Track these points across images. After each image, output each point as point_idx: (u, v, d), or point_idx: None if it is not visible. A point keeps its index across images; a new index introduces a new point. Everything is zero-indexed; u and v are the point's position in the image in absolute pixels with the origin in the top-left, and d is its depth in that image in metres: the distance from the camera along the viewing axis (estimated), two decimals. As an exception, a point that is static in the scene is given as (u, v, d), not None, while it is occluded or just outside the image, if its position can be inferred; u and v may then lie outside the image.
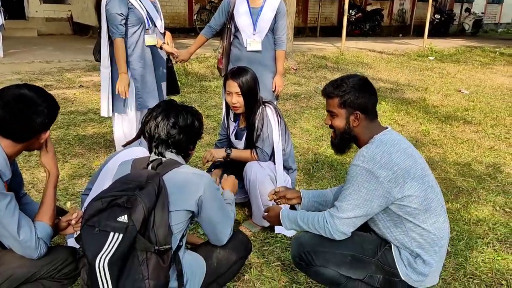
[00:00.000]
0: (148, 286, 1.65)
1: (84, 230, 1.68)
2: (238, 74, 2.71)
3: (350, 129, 1.99)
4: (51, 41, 11.68)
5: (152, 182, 1.71)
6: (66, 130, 4.75)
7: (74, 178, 3.58)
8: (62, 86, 6.67)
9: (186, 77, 7.34)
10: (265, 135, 2.77)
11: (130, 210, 1.63)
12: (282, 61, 3.71)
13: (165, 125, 1.88)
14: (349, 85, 1.94)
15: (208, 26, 3.72)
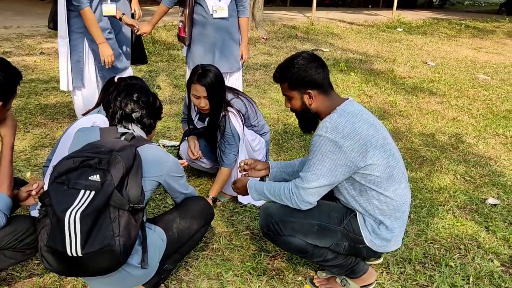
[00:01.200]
0: (118, 243, 1.63)
1: (52, 186, 1.65)
2: (204, 76, 2.58)
3: (307, 108, 2.01)
4: (10, 6, 11.09)
5: (131, 148, 1.75)
6: (27, 99, 4.56)
7: (37, 148, 3.46)
8: (21, 53, 6.37)
9: (153, 46, 7.15)
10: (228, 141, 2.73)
11: (103, 172, 1.63)
12: (247, 29, 3.68)
13: (128, 100, 1.92)
14: (294, 66, 1.96)
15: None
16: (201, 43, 3.54)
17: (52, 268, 1.68)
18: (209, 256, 2.38)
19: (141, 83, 2.13)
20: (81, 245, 1.58)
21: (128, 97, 1.92)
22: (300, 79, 1.95)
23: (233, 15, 3.53)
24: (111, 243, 1.61)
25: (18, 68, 5.27)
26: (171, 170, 1.93)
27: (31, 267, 2.19)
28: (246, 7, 3.60)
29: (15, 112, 4.15)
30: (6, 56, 6.16)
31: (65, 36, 3.23)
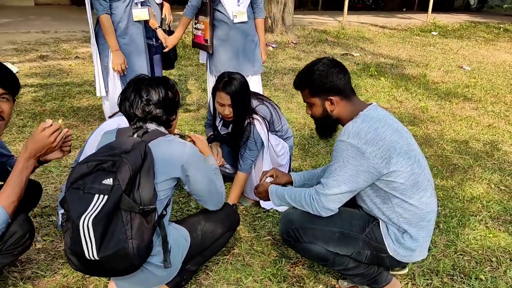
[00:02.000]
0: (131, 246, 1.64)
1: (69, 192, 1.68)
2: (230, 84, 2.56)
3: (329, 114, 1.97)
4: (48, 11, 11.50)
5: (138, 147, 1.72)
6: (61, 101, 4.70)
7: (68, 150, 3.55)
8: (58, 57, 6.58)
9: (184, 50, 7.25)
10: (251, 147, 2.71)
11: (116, 173, 1.63)
12: (263, 30, 3.71)
13: (139, 103, 1.87)
14: (315, 73, 1.92)
15: (189, 6, 3.51)
16: (224, 49, 3.57)
17: (78, 268, 1.73)
18: (230, 261, 2.36)
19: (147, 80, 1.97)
20: (97, 249, 1.61)
21: (137, 98, 1.87)
22: (321, 85, 1.91)
23: (251, 17, 3.56)
24: (125, 246, 1.63)
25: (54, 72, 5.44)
26: (189, 159, 1.85)
27: (55, 266, 2.24)
28: (261, 8, 3.61)
29: (49, 114, 4.27)
30: (43, 60, 6.38)
31: (93, 43, 3.29)
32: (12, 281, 2.11)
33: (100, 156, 1.71)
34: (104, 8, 3.11)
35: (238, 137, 2.73)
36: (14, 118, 4.08)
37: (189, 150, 1.87)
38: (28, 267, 2.23)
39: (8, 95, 1.82)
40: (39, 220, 2.63)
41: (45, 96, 4.82)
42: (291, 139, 3.02)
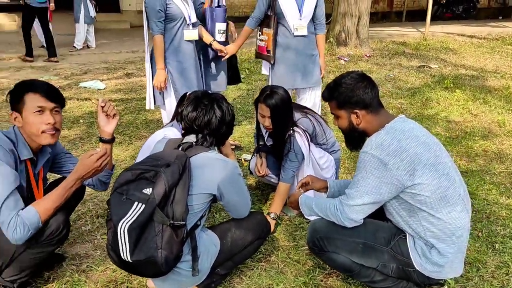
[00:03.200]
0: (160, 255, 1.78)
1: (113, 196, 1.86)
2: (270, 98, 2.66)
3: (355, 127, 1.99)
4: (141, 32, 12.45)
5: (179, 162, 1.84)
6: (136, 114, 5.12)
7: (135, 159, 3.87)
8: (140, 74, 7.15)
9: (255, 65, 7.48)
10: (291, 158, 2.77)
11: (154, 184, 1.77)
12: (324, 45, 3.85)
13: (203, 118, 2.01)
14: (342, 86, 1.95)
15: (252, 17, 3.71)
16: (284, 61, 3.71)
17: (117, 264, 1.91)
18: (265, 268, 2.43)
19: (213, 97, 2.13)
20: (130, 253, 1.77)
21: (202, 114, 2.01)
22: (347, 99, 1.94)
23: (311, 31, 3.69)
24: (154, 254, 1.77)
25: (135, 87, 5.89)
26: (226, 178, 1.96)
27: (108, 262, 2.47)
28: (323, 24, 3.74)
29: (125, 125, 4.68)
30: (127, 77, 6.98)
31: (147, 60, 3.58)
32: (70, 272, 2.38)
33: (145, 165, 1.86)
34: (159, 29, 3.37)
35: (280, 149, 2.80)
36: (94, 129, 4.54)
37: (228, 169, 1.98)
38: (85, 261, 2.48)
39: (59, 108, 2.10)
40: (101, 220, 2.91)
41: (124, 109, 5.29)
42: (337, 152, 3.02)
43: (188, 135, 2.08)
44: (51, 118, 2.04)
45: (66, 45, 9.31)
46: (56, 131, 2.09)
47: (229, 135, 2.17)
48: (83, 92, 6.04)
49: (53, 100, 2.06)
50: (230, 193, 2.01)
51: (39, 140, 2.05)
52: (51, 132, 2.05)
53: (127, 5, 14.20)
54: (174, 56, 3.49)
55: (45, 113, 2.03)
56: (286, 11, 3.55)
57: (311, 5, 3.58)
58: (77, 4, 8.85)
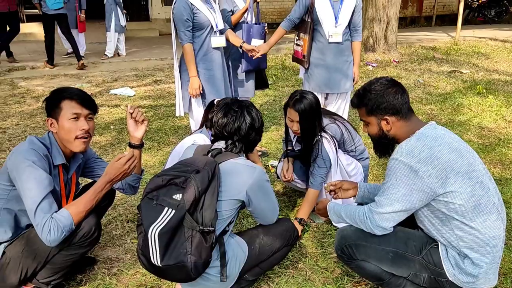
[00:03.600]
0: (189, 260, 1.80)
1: (144, 201, 1.90)
2: (299, 103, 2.66)
3: (385, 134, 1.96)
4: (169, 40, 12.66)
5: (208, 168, 1.86)
6: (165, 121, 5.20)
7: (163, 164, 3.93)
8: (169, 81, 7.27)
9: (282, 71, 7.49)
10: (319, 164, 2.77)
11: (184, 190, 1.80)
12: (359, 52, 3.85)
13: (232, 125, 2.03)
14: (371, 92, 1.92)
15: (287, 19, 3.77)
16: (319, 67, 3.75)
17: (147, 268, 1.94)
18: (292, 274, 2.42)
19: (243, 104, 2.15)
20: (160, 258, 1.80)
21: (232, 120, 2.03)
22: (377, 105, 1.92)
23: (347, 38, 3.71)
24: (184, 260, 1.79)
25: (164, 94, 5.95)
26: (254, 185, 1.97)
27: (138, 266, 2.50)
28: (359, 31, 3.76)
29: (153, 131, 4.77)
30: (156, 84, 7.11)
31: (176, 68, 3.63)
32: (101, 275, 2.43)
33: (175, 171, 1.89)
34: (188, 38, 3.41)
35: (308, 154, 2.79)
36: (124, 135, 4.64)
37: (256, 176, 1.98)
38: (116, 265, 2.53)
39: (92, 115, 2.16)
40: (131, 225, 2.96)
41: (153, 116, 5.38)
42: (366, 160, 2.99)
43: (218, 142, 2.10)
44: (86, 124, 2.10)
45: (97, 53, 9.56)
46: (89, 137, 2.15)
47: (258, 142, 2.18)
48: (113, 99, 6.19)
49: (87, 107, 2.12)
50: (258, 199, 2.02)
51: (71, 147, 2.11)
52: (84, 138, 2.11)
53: (156, 14, 14.49)
54: (202, 64, 3.53)
55: (80, 119, 2.09)
56: (322, 18, 3.58)
57: (348, 13, 3.60)
58: (108, 14, 9.08)
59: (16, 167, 1.95)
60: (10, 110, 5.60)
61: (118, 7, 9.06)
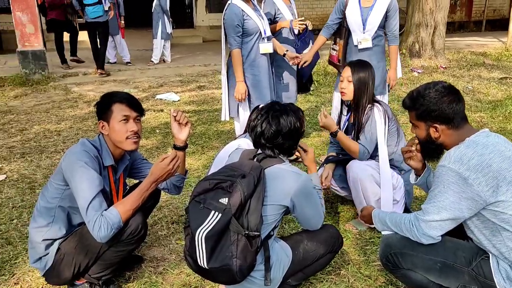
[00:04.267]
0: (235, 263, 1.84)
1: (191, 204, 1.95)
2: (355, 64, 2.80)
3: (432, 140, 1.92)
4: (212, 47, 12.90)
5: (254, 173, 1.90)
6: (208, 125, 5.30)
7: (207, 168, 4.00)
8: (212, 86, 7.41)
9: (324, 77, 7.46)
10: (367, 133, 2.76)
11: (231, 194, 1.84)
12: (396, 56, 3.81)
13: (269, 132, 2.05)
14: (425, 98, 1.88)
15: (326, 26, 3.81)
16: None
17: (193, 269, 2.00)
18: (334, 281, 2.40)
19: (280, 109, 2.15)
20: (206, 260, 1.85)
21: (267, 127, 2.05)
22: (429, 111, 1.88)
23: (378, 44, 3.66)
24: (229, 263, 1.83)
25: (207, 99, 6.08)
26: (299, 191, 1.98)
27: (182, 266, 2.57)
28: (396, 36, 3.73)
29: (197, 136, 4.87)
30: (200, 89, 7.26)
31: (224, 73, 3.71)
32: (148, 273, 2.51)
33: (221, 175, 1.94)
34: (237, 43, 3.50)
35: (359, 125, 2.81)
36: (169, 139, 4.77)
37: (301, 182, 1.99)
38: (161, 264, 2.61)
39: (139, 117, 2.26)
40: (175, 226, 3.04)
41: (197, 120, 5.50)
42: (408, 173, 2.90)
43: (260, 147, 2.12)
44: (135, 126, 2.20)
45: (144, 59, 9.88)
46: (138, 138, 2.24)
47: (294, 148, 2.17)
48: (159, 104, 6.37)
49: (135, 110, 2.22)
50: (302, 205, 2.03)
51: (123, 146, 2.21)
52: (134, 139, 2.21)
53: (200, 21, 14.79)
54: (249, 69, 3.60)
55: (130, 121, 2.20)
56: (351, 24, 3.60)
57: (377, 18, 3.57)
58: (155, 22, 9.36)
59: (69, 168, 2.06)
60: (64, 114, 5.88)
61: (165, 15, 9.33)
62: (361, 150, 2.78)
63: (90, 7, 7.82)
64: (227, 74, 3.72)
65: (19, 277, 2.47)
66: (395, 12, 3.63)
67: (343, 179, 2.95)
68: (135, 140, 2.21)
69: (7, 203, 3.34)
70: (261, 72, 3.63)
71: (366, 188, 2.69)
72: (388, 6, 3.57)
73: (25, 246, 2.71)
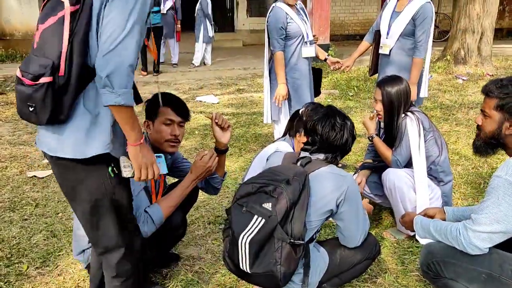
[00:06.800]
0: (279, 270, 1.82)
1: (234, 206, 1.95)
2: (385, 83, 2.71)
3: (499, 136, 1.83)
4: (252, 50, 13.03)
5: (299, 179, 1.87)
6: (247, 128, 5.35)
7: (244, 170, 4.03)
8: (251, 90, 7.46)
9: (364, 83, 7.37)
10: (400, 144, 2.71)
11: (275, 200, 1.82)
12: (416, 69, 3.42)
13: (341, 139, 2.03)
14: None
15: (369, 31, 3.76)
16: (379, 76, 3.69)
17: (232, 270, 2.01)
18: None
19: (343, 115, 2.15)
20: (249, 265, 1.84)
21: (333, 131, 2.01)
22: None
23: (400, 53, 3.47)
24: (273, 269, 1.82)
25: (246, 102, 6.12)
26: (345, 195, 1.95)
27: (218, 266, 2.60)
28: (419, 47, 3.38)
29: (235, 138, 4.92)
30: (239, 92, 7.33)
31: (266, 76, 3.75)
32: (184, 272, 2.55)
33: (264, 179, 1.91)
34: (280, 45, 3.54)
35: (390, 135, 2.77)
36: (208, 140, 4.84)
37: (349, 185, 1.97)
38: (197, 263, 2.64)
39: (184, 123, 2.32)
40: (212, 226, 3.08)
41: (235, 123, 5.56)
42: (449, 184, 2.84)
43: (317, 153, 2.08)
44: (177, 130, 2.26)
45: (185, 62, 10.08)
46: (178, 142, 2.30)
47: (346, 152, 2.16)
48: (199, 106, 6.48)
49: (180, 115, 2.28)
50: (349, 211, 2.00)
51: (162, 147, 2.27)
52: (174, 142, 2.27)
53: (241, 25, 14.95)
54: (291, 73, 3.63)
55: (173, 125, 2.26)
56: (381, 27, 3.54)
57: (400, 25, 3.39)
58: (198, 25, 9.56)
59: None
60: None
61: (207, 19, 9.50)
62: (393, 160, 2.74)
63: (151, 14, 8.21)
64: (269, 77, 3.75)
65: (63, 269, 2.57)
66: (422, 20, 3.31)
67: (378, 186, 2.90)
68: (174, 143, 2.27)
69: (53, 197, 3.49)
70: (302, 75, 3.65)
71: (403, 196, 2.64)
72: (415, 12, 3.31)
73: (69, 239, 2.83)
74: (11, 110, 6.01)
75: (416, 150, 2.66)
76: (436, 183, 2.77)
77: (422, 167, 2.66)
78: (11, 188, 3.65)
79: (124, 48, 1.43)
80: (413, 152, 2.67)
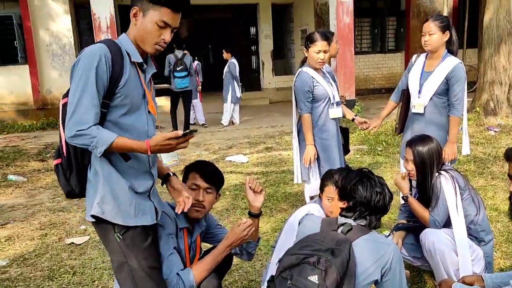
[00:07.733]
0: None
1: (278, 280, 1.93)
2: (415, 143, 2.73)
3: None
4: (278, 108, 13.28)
5: (344, 250, 1.87)
6: (276, 187, 5.36)
7: (276, 231, 4.02)
8: (279, 147, 7.54)
9: (393, 138, 7.33)
10: (436, 205, 2.68)
11: (322, 272, 1.80)
12: (454, 128, 3.38)
13: (384, 198, 2.06)
14: None
15: (395, 91, 3.81)
16: (406, 133, 3.68)
17: None
18: None
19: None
20: None
21: (377, 195, 2.03)
22: None
23: (435, 111, 3.44)
24: None
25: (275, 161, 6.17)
26: (390, 264, 1.93)
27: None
28: (455, 106, 3.35)
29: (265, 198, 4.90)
30: (268, 151, 7.42)
31: (295, 136, 3.85)
32: None
33: (307, 250, 1.90)
34: (307, 108, 3.65)
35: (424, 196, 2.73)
36: (239, 201, 4.87)
37: (393, 253, 1.95)
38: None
39: (212, 189, 2.38)
40: (245, 291, 3.04)
41: (265, 182, 5.59)
42: (489, 244, 2.74)
43: (360, 219, 2.06)
44: (201, 196, 2.34)
45: (214, 122, 10.35)
46: (202, 208, 2.35)
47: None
48: (228, 166, 6.57)
49: (208, 182, 2.36)
50: (393, 280, 1.96)
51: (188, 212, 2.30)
52: (197, 207, 2.33)
53: (267, 84, 15.37)
54: (319, 134, 3.71)
55: (198, 190, 2.35)
56: (410, 87, 3.56)
57: (432, 85, 3.38)
58: (226, 87, 9.91)
59: None
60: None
61: (235, 81, 9.85)
62: (431, 220, 2.69)
63: (179, 79, 8.87)
64: (298, 137, 3.83)
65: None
66: (457, 80, 3.32)
67: (415, 248, 2.82)
68: (198, 208, 2.33)
69: (89, 264, 3.54)
70: (330, 136, 3.73)
71: (444, 258, 2.55)
72: (449, 73, 3.32)
73: (104, 306, 2.84)
74: (51, 177, 6.23)
75: (454, 209, 2.62)
76: (477, 243, 2.69)
77: (462, 227, 2.60)
78: (50, 256, 3.73)
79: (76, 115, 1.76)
80: (451, 212, 2.62)
